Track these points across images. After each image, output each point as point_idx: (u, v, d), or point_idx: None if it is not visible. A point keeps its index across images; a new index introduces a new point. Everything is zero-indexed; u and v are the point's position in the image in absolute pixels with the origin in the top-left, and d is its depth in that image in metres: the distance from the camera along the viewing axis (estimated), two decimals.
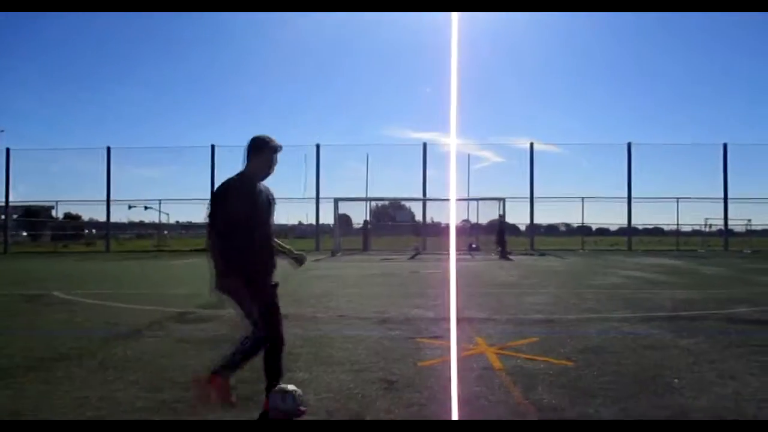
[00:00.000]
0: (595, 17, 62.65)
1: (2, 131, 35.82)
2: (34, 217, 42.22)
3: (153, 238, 40.73)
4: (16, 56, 77.04)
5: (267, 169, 3.80)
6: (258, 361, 3.68)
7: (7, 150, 35.23)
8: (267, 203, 3.81)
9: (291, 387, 3.58)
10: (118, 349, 5.81)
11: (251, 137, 3.79)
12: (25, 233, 42.92)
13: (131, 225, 46.24)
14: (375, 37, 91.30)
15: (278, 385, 3.61)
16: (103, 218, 36.36)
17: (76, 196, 61.06)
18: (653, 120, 75.21)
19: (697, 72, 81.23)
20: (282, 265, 3.93)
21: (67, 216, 45.74)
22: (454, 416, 3.67)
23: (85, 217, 46.99)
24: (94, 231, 43.84)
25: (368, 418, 3.67)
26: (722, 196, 33.59)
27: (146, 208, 37.25)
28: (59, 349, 5.76)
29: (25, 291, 11.44)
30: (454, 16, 3.97)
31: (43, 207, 41.98)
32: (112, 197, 34.85)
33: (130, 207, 36.66)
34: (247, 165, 3.77)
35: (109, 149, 34.70)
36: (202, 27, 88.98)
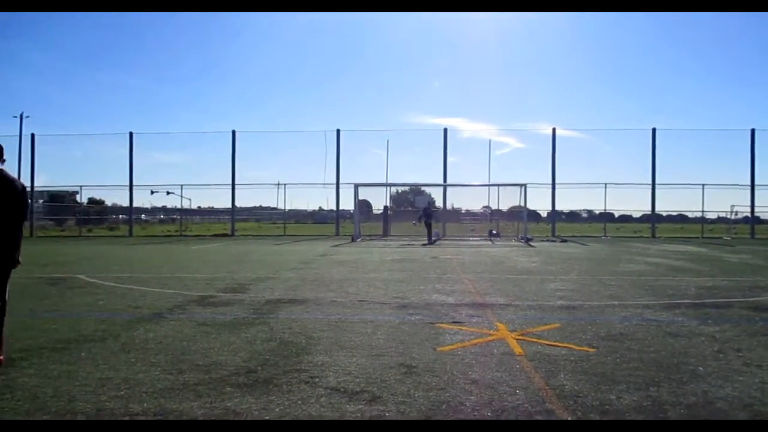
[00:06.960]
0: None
1: (27, 117, 36.23)
2: (59, 202, 42.90)
3: (175, 223, 41.23)
4: (39, 43, 78.01)
5: None
6: (281, 346, 3.68)
7: (32, 135, 35.84)
8: None
9: None
10: (141, 331, 5.88)
11: None
12: (49, 218, 43.66)
13: (154, 210, 46.88)
14: (396, 23, 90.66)
15: None
16: (126, 203, 36.93)
17: (100, 181, 62.01)
18: (679, 105, 73.78)
19: (724, 56, 79.37)
20: (309, 250, 3.98)
21: (91, 201, 46.46)
22: (474, 400, 3.65)
23: (109, 202, 47.77)
24: (120, 216, 44.51)
25: (387, 401, 3.65)
26: (749, 182, 32.97)
27: (168, 193, 37.67)
28: (83, 331, 5.85)
29: (50, 274, 11.65)
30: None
31: (67, 192, 42.64)
32: (134, 182, 35.37)
33: (152, 192, 37.12)
34: None
35: (131, 135, 35.11)
36: (223, 14, 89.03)
